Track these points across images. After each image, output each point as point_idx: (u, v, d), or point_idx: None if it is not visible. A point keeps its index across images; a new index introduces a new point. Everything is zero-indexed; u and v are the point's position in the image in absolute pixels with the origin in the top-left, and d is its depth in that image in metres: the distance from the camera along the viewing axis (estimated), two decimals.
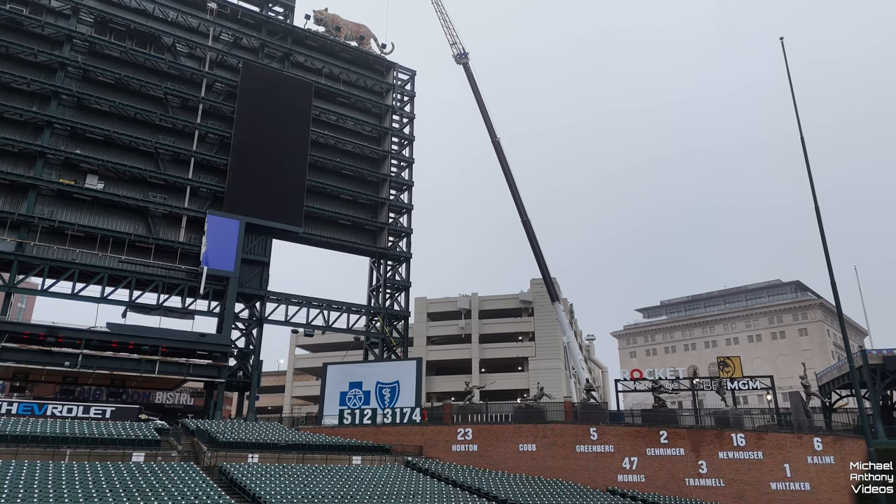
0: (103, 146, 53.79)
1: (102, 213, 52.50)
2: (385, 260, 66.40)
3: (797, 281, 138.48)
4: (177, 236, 54.54)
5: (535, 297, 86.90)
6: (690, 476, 44.03)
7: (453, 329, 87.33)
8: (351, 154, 67.06)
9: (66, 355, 46.01)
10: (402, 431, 47.24)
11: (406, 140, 70.98)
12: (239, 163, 58.03)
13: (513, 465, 45.37)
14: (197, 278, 53.35)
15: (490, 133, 69.08)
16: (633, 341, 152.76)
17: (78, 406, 44.73)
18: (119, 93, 55.77)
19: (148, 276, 52.21)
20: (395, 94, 71.45)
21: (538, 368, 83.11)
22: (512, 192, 67.63)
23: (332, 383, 54.61)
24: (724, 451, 44.37)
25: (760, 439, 44.41)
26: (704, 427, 46.28)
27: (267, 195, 58.44)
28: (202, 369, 51.34)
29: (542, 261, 65.89)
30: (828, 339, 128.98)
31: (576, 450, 45.64)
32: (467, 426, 47.41)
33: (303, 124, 62.67)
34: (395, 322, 65.30)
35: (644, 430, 46.01)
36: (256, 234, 57.72)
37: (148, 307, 51.67)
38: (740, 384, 53.93)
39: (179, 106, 58.50)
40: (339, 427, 48.79)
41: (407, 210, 68.32)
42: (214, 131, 58.65)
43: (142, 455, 38.22)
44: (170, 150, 56.00)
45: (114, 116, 55.06)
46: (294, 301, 58.94)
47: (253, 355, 55.79)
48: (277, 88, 62.43)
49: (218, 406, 51.74)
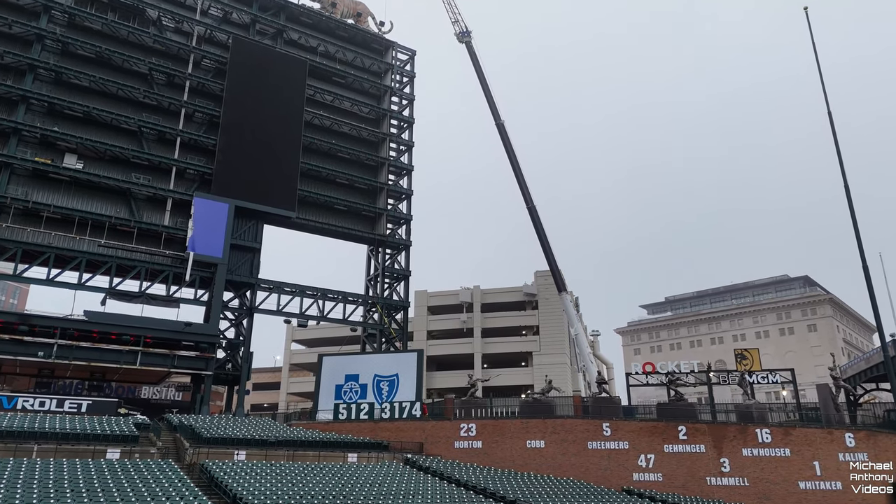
0: (83, 124, 50.56)
1: (81, 194, 49.28)
2: (383, 248, 63.19)
3: (806, 276, 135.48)
4: (161, 220, 51.31)
5: (539, 290, 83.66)
6: (712, 475, 40.94)
7: (454, 323, 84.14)
8: (347, 136, 63.84)
9: (40, 345, 42.93)
10: (402, 427, 44.52)
11: (405, 122, 67.75)
12: (228, 143, 54.78)
13: (520, 462, 42.60)
14: (182, 264, 50.15)
15: (494, 115, 65.76)
16: (637, 338, 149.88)
17: (51, 399, 41.51)
18: (100, 68, 52.53)
19: (129, 261, 48.98)
20: (393, 74, 68.23)
21: (542, 363, 79.91)
22: (517, 177, 64.37)
23: (328, 376, 51.47)
24: (748, 448, 41.24)
25: (787, 435, 41.21)
26: (726, 422, 43.07)
27: (258, 177, 55.22)
28: (188, 361, 48.23)
29: (549, 249, 62.62)
30: (837, 336, 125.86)
31: (587, 446, 42.79)
32: (471, 421, 44.43)
33: (296, 104, 59.43)
34: (394, 313, 62.06)
35: (661, 425, 42.89)
36: (247, 218, 54.48)
37: (129, 294, 48.43)
38: (759, 377, 50.88)
39: (165, 83, 55.25)
40: (334, 422, 45.93)
41: (406, 195, 65.09)
42: (202, 110, 55.40)
43: (117, 452, 35.31)
44: (154, 128, 52.75)
45: (94, 93, 51.84)
46: (287, 290, 55.70)
47: (243, 346, 52.55)
48: (269, 66, 59.17)
49: (205, 400, 48.58)
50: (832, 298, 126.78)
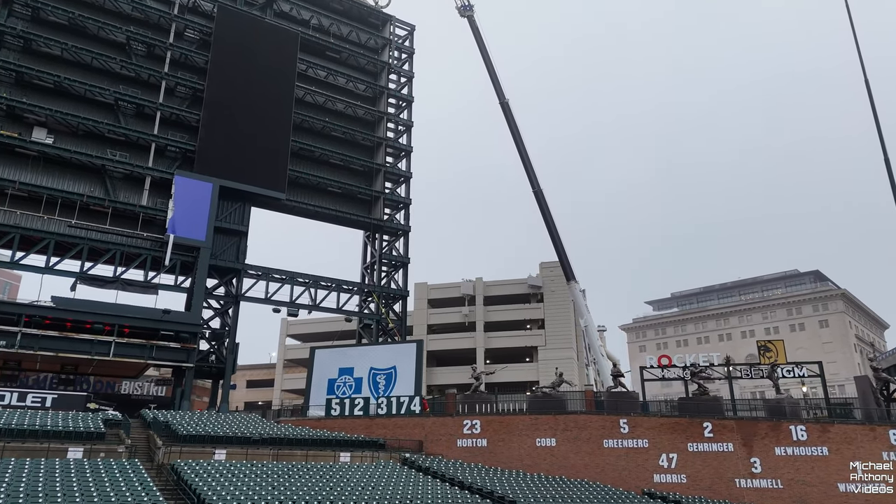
0: (54, 95, 46.67)
1: (51, 171, 45.40)
2: (380, 233, 59.28)
3: (816, 270, 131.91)
4: (139, 200, 47.35)
5: (545, 282, 79.97)
6: (741, 476, 37.17)
7: (456, 317, 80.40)
8: (342, 115, 59.91)
9: (2, 333, 38.94)
10: (400, 424, 41.17)
11: (404, 101, 63.83)
12: (213, 118, 50.87)
13: (528, 462, 39.20)
14: (162, 248, 46.28)
15: (498, 94, 61.93)
16: (642, 335, 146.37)
17: (12, 393, 37.73)
18: (74, 35, 48.61)
19: (103, 243, 45.04)
20: (391, 50, 64.29)
21: (548, 358, 76.35)
22: (522, 160, 60.58)
23: (320, 369, 47.69)
24: (780, 447, 37.46)
25: (825, 432, 37.36)
26: (756, 418, 39.20)
27: (245, 156, 51.31)
28: (167, 352, 44.43)
29: (556, 235, 58.79)
30: (850, 332, 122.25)
31: (603, 445, 39.17)
32: (475, 417, 40.77)
33: (287, 79, 55.53)
34: (392, 303, 58.15)
35: (684, 421, 39.08)
36: (233, 199, 50.59)
37: (102, 280, 44.50)
38: (784, 371, 46.98)
39: (145, 54, 51.35)
40: (327, 419, 42.41)
41: (405, 178, 61.18)
42: (185, 83, 51.49)
43: (79, 450, 31.68)
44: (132, 101, 48.81)
45: (67, 62, 47.93)
46: (276, 276, 51.76)
47: (228, 337, 48.64)
48: (258, 38, 55.25)
49: (185, 395, 44.75)
50: (845, 293, 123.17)
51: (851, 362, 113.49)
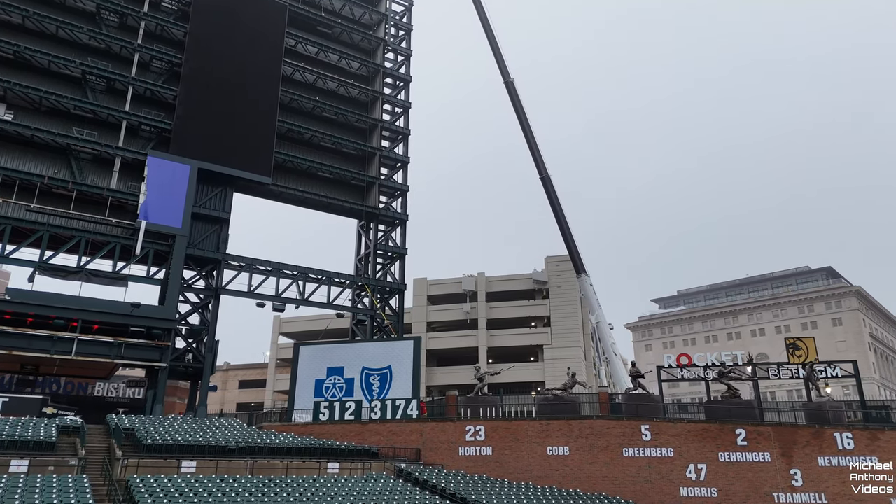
0: (14, 68, 42.39)
1: (10, 150, 41.19)
2: (375, 222, 54.99)
3: (829, 267, 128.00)
4: (108, 183, 42.99)
5: (550, 277, 75.64)
6: (780, 489, 33.08)
7: (457, 314, 76.18)
8: (334, 94, 55.60)
9: None
10: (395, 430, 37.44)
11: (401, 80, 59.52)
12: (191, 95, 46.57)
13: (538, 473, 35.47)
14: (133, 235, 42.00)
15: (502, 73, 57.82)
16: (648, 333, 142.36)
17: None
18: (36, 3, 44.30)
19: (66, 230, 40.75)
20: (387, 26, 59.93)
21: (554, 358, 72.19)
22: (529, 144, 56.58)
23: (306, 369, 43.41)
24: (824, 456, 33.28)
25: (874, 440, 33.13)
26: (795, 424, 34.90)
27: (227, 137, 47.02)
28: (138, 351, 40.28)
29: (565, 224, 54.70)
30: (864, 330, 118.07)
31: (622, 454, 35.30)
32: (479, 423, 36.73)
33: (273, 54, 51.24)
34: (388, 297, 53.83)
35: (714, 427, 34.87)
36: (213, 184, 46.31)
37: (65, 270, 40.10)
38: (817, 371, 42.55)
39: (117, 24, 47.06)
40: (314, 424, 38.59)
41: (402, 163, 56.86)
42: (161, 56, 47.18)
43: (24, 464, 27.42)
44: (102, 75, 44.47)
45: (29, 32, 43.73)
46: (260, 268, 47.45)
47: (207, 334, 44.31)
48: (242, 9, 50.93)
49: (158, 398, 40.45)
50: (859, 290, 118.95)
51: (866, 361, 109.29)
